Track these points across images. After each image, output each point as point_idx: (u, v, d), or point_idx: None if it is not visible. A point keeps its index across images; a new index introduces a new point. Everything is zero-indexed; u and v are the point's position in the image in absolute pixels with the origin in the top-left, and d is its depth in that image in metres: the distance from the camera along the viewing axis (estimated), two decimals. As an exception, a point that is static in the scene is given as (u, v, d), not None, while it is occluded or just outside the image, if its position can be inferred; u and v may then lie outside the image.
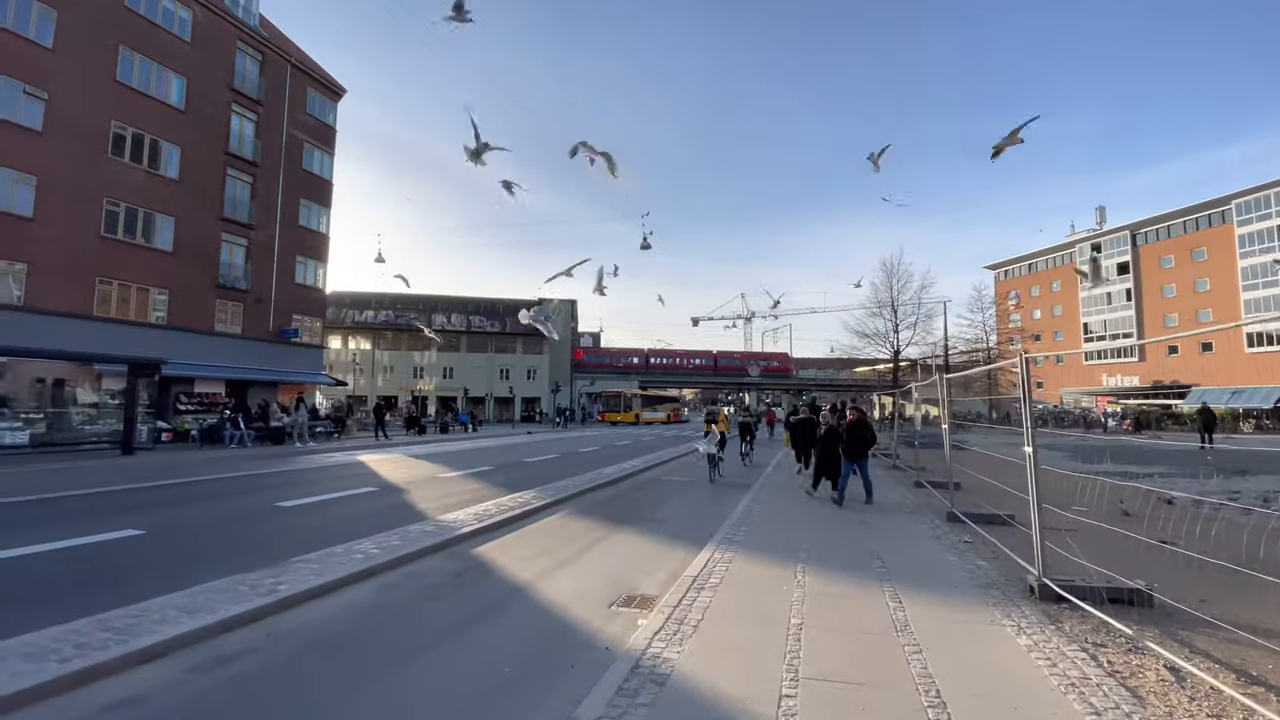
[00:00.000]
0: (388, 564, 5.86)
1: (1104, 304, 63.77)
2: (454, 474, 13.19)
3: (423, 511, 8.56)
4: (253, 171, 27.74)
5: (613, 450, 20.89)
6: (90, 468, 13.23)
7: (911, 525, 7.75)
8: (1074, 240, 67.95)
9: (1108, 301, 63.46)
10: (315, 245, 31.23)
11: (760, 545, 6.52)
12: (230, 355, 25.90)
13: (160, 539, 6.79)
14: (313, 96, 31.78)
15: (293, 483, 11.61)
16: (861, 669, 3.46)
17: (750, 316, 78.60)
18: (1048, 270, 70.81)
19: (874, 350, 40.30)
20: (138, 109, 22.67)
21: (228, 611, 4.39)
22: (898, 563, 5.80)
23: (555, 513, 8.88)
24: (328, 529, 7.35)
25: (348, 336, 57.51)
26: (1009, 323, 56.86)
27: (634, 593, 5.17)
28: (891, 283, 38.14)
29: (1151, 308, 58.75)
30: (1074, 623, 4.19)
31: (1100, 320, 63.91)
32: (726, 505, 9.24)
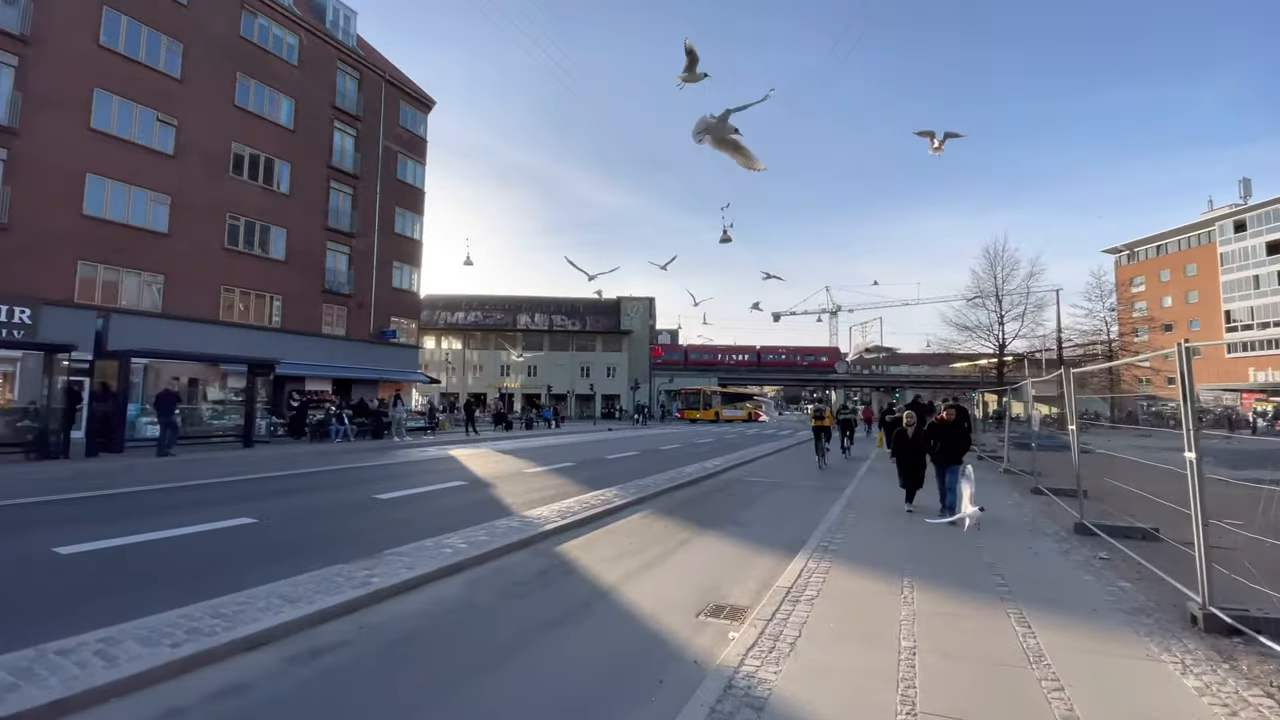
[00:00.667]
0: (475, 559, 5.89)
1: (1250, 289, 56.35)
2: (538, 469, 13.38)
3: (508, 507, 8.65)
4: (353, 183, 29.59)
5: (693, 448, 20.59)
6: (215, 459, 14.48)
7: (1033, 537, 6.96)
8: (1212, 218, 60.45)
9: (1255, 286, 56.02)
10: (410, 251, 32.94)
11: (858, 555, 6.04)
12: (336, 355, 27.78)
13: (270, 528, 7.20)
14: (405, 109, 33.51)
15: (389, 476, 12.15)
16: (991, 706, 3.01)
17: (836, 310, 75.78)
18: (1179, 252, 63.48)
19: (976, 344, 37.52)
20: (253, 130, 24.71)
21: (325, 602, 4.50)
22: (1021, 580, 5.16)
23: (637, 512, 8.73)
24: (420, 522, 7.54)
25: (440, 337, 60.46)
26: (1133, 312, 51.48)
27: (722, 602, 4.88)
28: (995, 270, 35.31)
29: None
30: (1252, 661, 3.50)
31: (1245, 307, 56.56)
32: (818, 510, 8.73)
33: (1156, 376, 47.43)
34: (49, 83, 18.65)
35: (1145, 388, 55.73)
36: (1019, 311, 35.32)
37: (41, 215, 18.28)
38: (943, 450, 7.98)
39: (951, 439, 7.98)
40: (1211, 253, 59.48)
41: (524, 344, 58.95)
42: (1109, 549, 6.18)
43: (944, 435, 8.02)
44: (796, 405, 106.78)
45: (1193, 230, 62.02)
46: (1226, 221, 58.45)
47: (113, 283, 20.09)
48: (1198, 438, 4.04)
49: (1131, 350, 40.16)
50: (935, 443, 8.04)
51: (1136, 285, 62.71)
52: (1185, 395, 4.11)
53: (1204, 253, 60.42)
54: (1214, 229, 59.63)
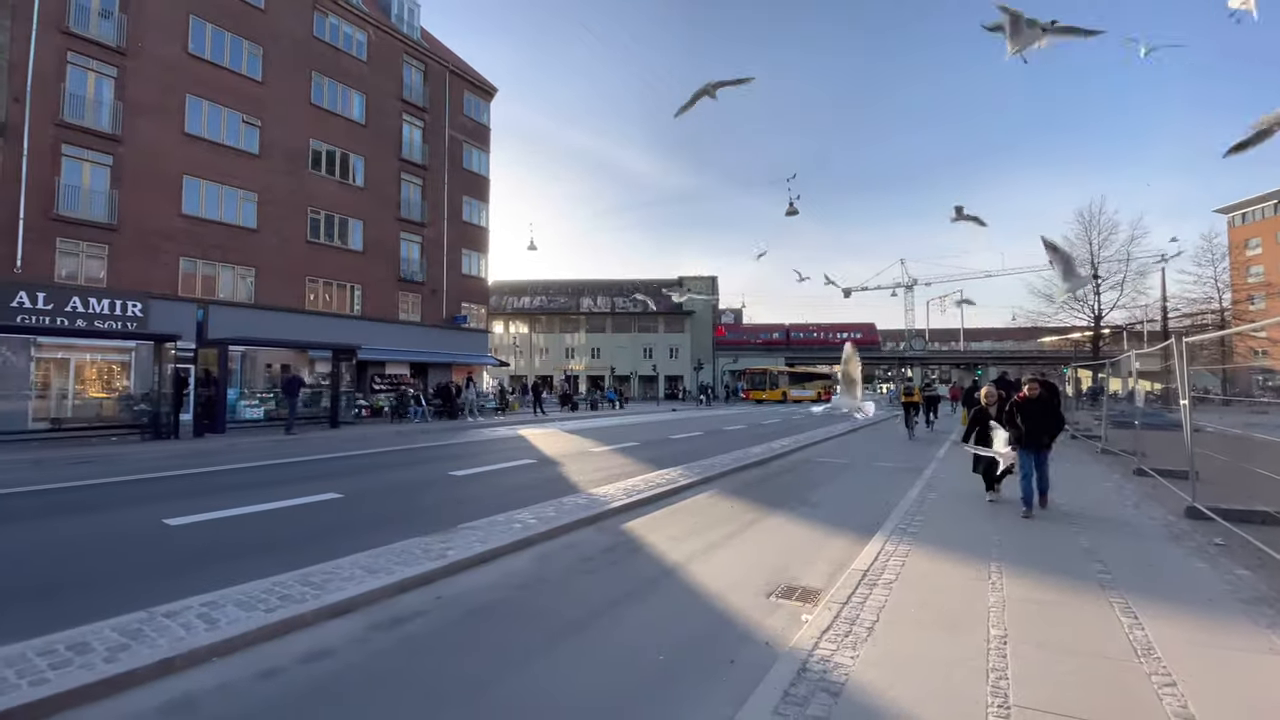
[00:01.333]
0: (544, 535, 5.99)
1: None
2: (603, 449, 13.53)
3: (575, 484, 8.78)
4: (421, 174, 30.55)
5: (759, 429, 20.27)
6: (304, 439, 15.46)
7: (1138, 520, 6.40)
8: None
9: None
10: (477, 239, 33.81)
11: (940, 538, 5.73)
12: (412, 340, 29.02)
13: (354, 502, 7.60)
14: (469, 99, 34.16)
15: (463, 454, 12.60)
16: (1092, 701, 2.76)
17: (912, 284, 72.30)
18: (1310, 209, 56.39)
19: (1068, 316, 34.95)
20: (329, 127, 25.88)
21: (403, 573, 4.69)
22: (1125, 567, 4.74)
23: (702, 491, 8.64)
24: (492, 498, 7.77)
25: (508, 322, 62.08)
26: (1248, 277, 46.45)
27: (794, 584, 4.73)
28: (1090, 236, 32.70)
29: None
30: None
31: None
32: (894, 491, 8.37)
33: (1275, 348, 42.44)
34: (145, 91, 20.14)
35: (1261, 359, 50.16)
36: (1118, 279, 32.61)
37: (146, 216, 19.90)
38: (1029, 432, 6.79)
39: (1040, 419, 6.78)
40: (1351, 207, 52.54)
41: (587, 326, 59.69)
42: (1225, 534, 5.59)
43: (1030, 414, 6.82)
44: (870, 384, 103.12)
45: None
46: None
47: (210, 276, 21.69)
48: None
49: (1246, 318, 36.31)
50: (1020, 423, 6.82)
51: (1252, 248, 56.46)
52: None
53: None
54: (1354, 180, 52.54)
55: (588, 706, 2.99)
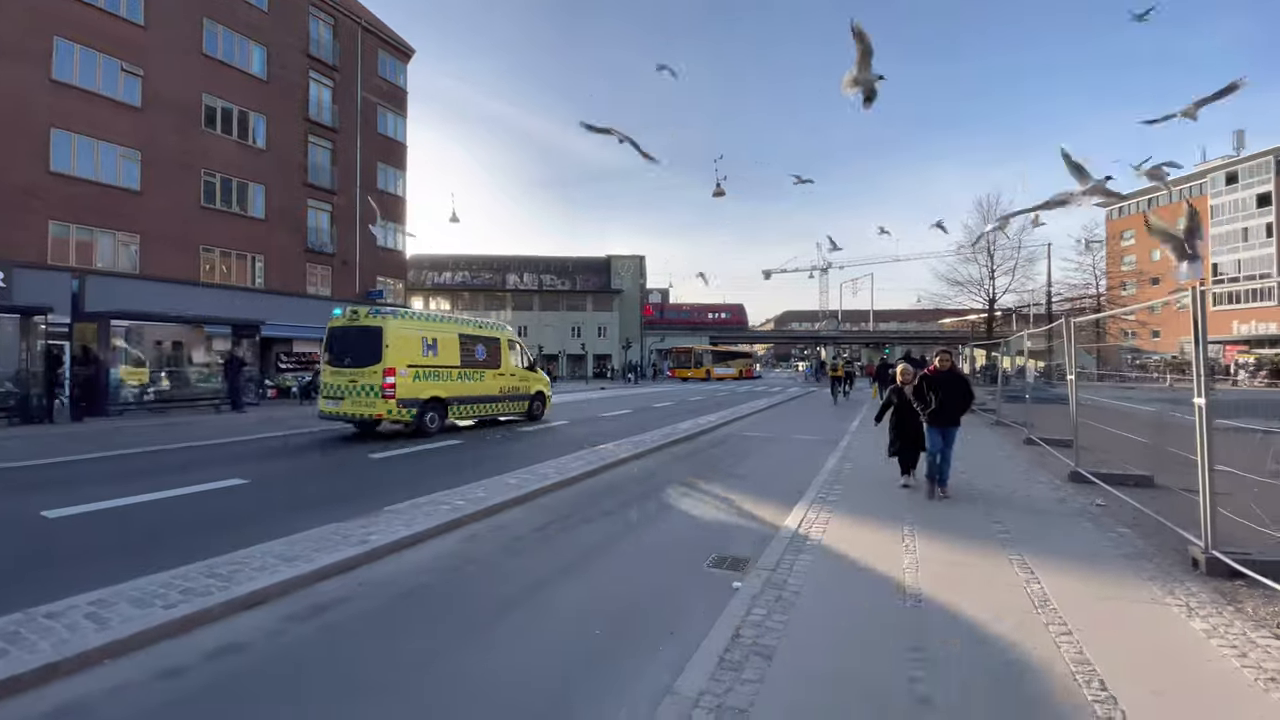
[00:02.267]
0: (473, 516, 5.83)
1: (1238, 241, 56.53)
2: (531, 427, 13.32)
3: (506, 464, 8.59)
4: (332, 137, 28.53)
5: (687, 405, 20.63)
6: (201, 422, 14.29)
7: (1029, 486, 7.01)
8: (1206, 169, 60.05)
9: (1243, 238, 56.20)
10: (393, 208, 32.03)
11: (858, 506, 6.05)
12: (323, 316, 27.17)
13: (263, 488, 7.10)
14: (383, 59, 32.09)
15: (384, 436, 12.04)
16: (1003, 655, 3.00)
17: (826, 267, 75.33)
18: (1169, 205, 63.13)
19: (966, 299, 37.56)
20: (225, 81, 23.58)
21: (323, 560, 4.43)
22: (1022, 528, 5.18)
23: (633, 466, 8.70)
24: (416, 480, 7.47)
25: (429, 298, 59.62)
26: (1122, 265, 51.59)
27: (725, 553, 4.85)
28: (987, 224, 35.13)
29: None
30: (1257, 603, 3.52)
31: (1233, 260, 56.83)
32: (813, 462, 8.75)
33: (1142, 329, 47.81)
34: (4, 30, 17.57)
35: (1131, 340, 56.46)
36: (1010, 266, 35.35)
37: (7, 172, 17.50)
38: (941, 408, 6.44)
39: (951, 392, 6.46)
40: (1202, 205, 59.31)
41: (514, 304, 58.41)
42: (1105, 496, 6.22)
43: (941, 387, 6.46)
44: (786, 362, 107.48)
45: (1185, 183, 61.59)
46: (1219, 174, 58.15)
47: (87, 243, 19.41)
48: (1208, 383, 3.97)
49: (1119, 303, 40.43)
50: (931, 398, 6.45)
51: (1126, 239, 62.83)
52: (1198, 339, 4.02)
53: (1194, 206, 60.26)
54: (1206, 181, 59.34)
55: (524, 687, 2.94)
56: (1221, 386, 34.91)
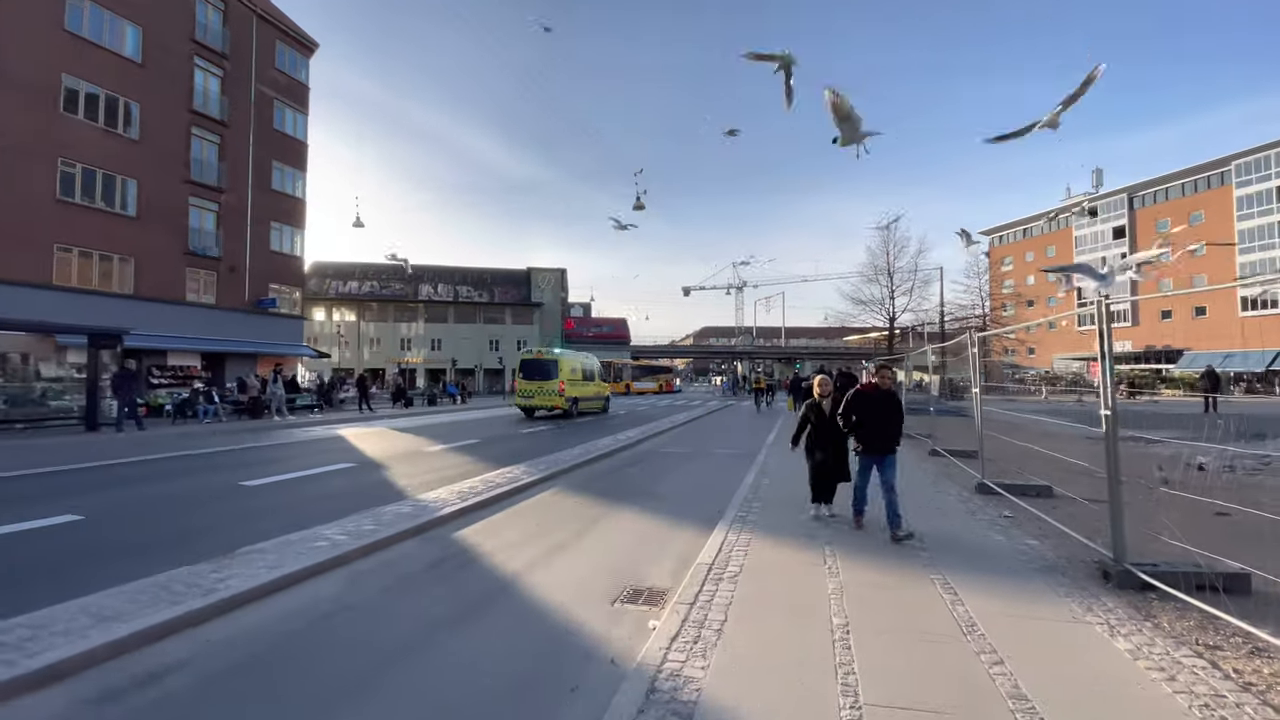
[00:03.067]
0: (356, 552, 5.09)
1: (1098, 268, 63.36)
2: (438, 448, 12.41)
3: (401, 490, 7.79)
4: (220, 131, 26.22)
5: (607, 421, 20.21)
6: (48, 445, 12.32)
7: (939, 499, 7.08)
8: (1069, 204, 66.96)
9: (1102, 267, 63.03)
10: (291, 210, 29.81)
11: (777, 525, 5.82)
12: (204, 326, 24.78)
13: (100, 525, 5.98)
14: (282, 50, 29.99)
15: (263, 459, 10.79)
16: (937, 689, 2.75)
17: (742, 286, 77.75)
18: (1042, 236, 70.05)
19: (869, 317, 39.69)
20: (91, 61, 21.08)
21: (149, 619, 3.61)
22: (938, 543, 5.11)
23: (547, 489, 8.14)
24: (293, 510, 6.58)
25: (332, 308, 56.00)
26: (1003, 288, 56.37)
27: (640, 585, 4.44)
28: (888, 248, 37.38)
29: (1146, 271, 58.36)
30: (1171, 618, 3.51)
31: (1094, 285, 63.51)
32: (732, 479, 8.55)
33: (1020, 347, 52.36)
34: None
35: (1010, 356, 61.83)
36: (908, 287, 37.77)
37: None
38: (871, 431, 5.47)
39: (886, 413, 5.48)
40: (1068, 236, 66.16)
41: (426, 316, 55.94)
42: (1011, 507, 6.35)
43: (875, 408, 5.49)
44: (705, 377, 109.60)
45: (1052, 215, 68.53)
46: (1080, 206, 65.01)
47: (-100, 236, 16.55)
48: (1114, 394, 4.01)
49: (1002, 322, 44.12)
50: (859, 420, 5.52)
51: (1006, 265, 68.91)
52: (1104, 351, 4.06)
53: (1062, 236, 67.08)
54: (1070, 214, 66.20)
55: (392, 775, 2.37)
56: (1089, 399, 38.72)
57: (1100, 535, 5.00)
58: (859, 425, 5.55)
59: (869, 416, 5.51)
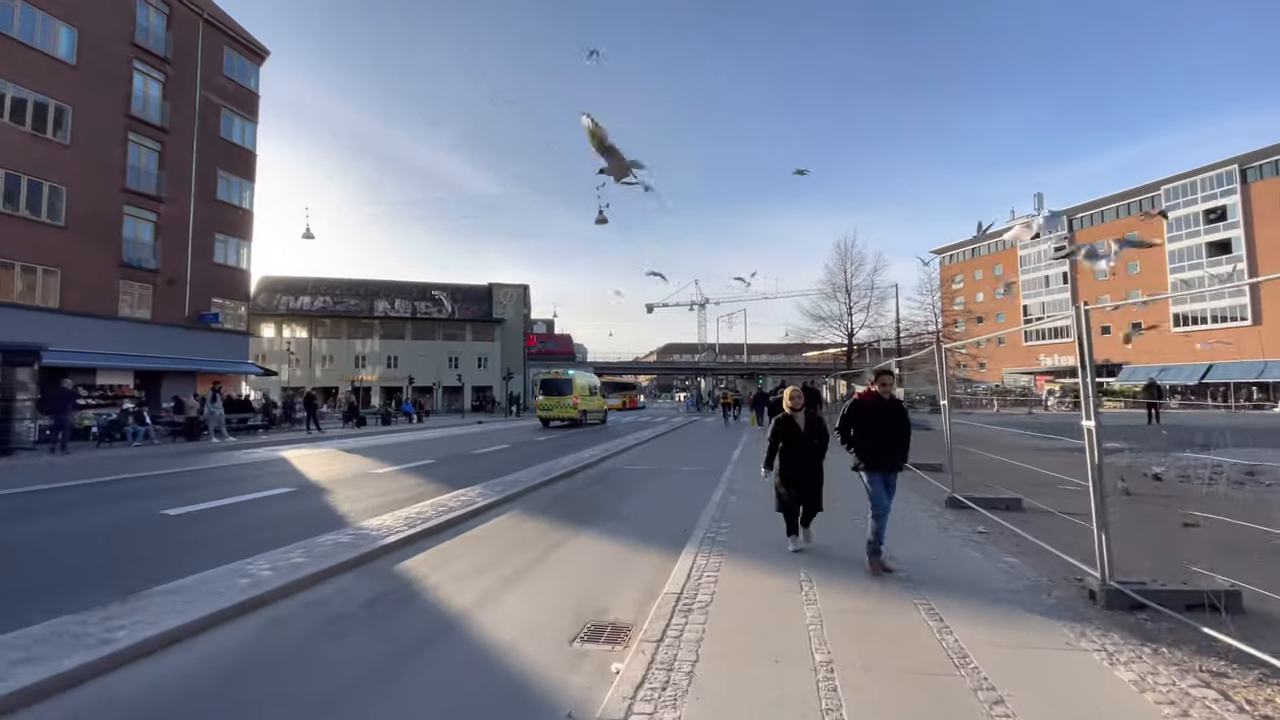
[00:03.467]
0: (281, 590, 4.54)
1: (1042, 287, 66.11)
2: (389, 469, 11.72)
3: (343, 516, 7.19)
4: (160, 138, 24.95)
5: (569, 439, 19.67)
6: (-54, 473, 11.14)
7: (912, 514, 6.87)
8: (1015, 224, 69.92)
9: (1045, 285, 65.82)
10: (236, 222, 28.50)
11: (748, 545, 5.50)
12: (138, 343, 23.30)
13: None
14: (231, 57, 28.90)
15: (194, 485, 9.95)
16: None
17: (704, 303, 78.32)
18: (989, 255, 72.87)
19: (829, 333, 40.32)
20: (19, 62, 19.79)
21: (22, 680, 3.04)
22: (915, 563, 4.86)
23: (504, 512, 7.64)
24: (219, 543, 5.94)
25: (282, 324, 53.89)
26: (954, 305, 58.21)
27: (602, 619, 4.03)
28: (845, 265, 38.04)
29: (1086, 290, 61.15)
30: (1168, 641, 3.29)
31: (1039, 303, 66.20)
32: (699, 496, 8.22)
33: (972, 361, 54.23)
34: None
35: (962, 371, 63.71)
36: (865, 303, 38.53)
37: None
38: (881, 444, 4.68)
39: (894, 425, 4.77)
40: (1014, 256, 68.95)
41: (382, 332, 54.32)
42: (984, 521, 6.18)
43: (881, 420, 4.74)
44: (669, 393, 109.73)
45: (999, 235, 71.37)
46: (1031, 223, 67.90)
47: None
48: (1096, 405, 3.84)
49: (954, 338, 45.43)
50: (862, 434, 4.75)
51: (956, 283, 71.24)
52: (1084, 360, 3.90)
53: (1008, 255, 69.89)
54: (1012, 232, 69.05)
55: None
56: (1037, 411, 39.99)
57: (1076, 550, 4.85)
58: (860, 439, 4.76)
59: (873, 429, 4.73)
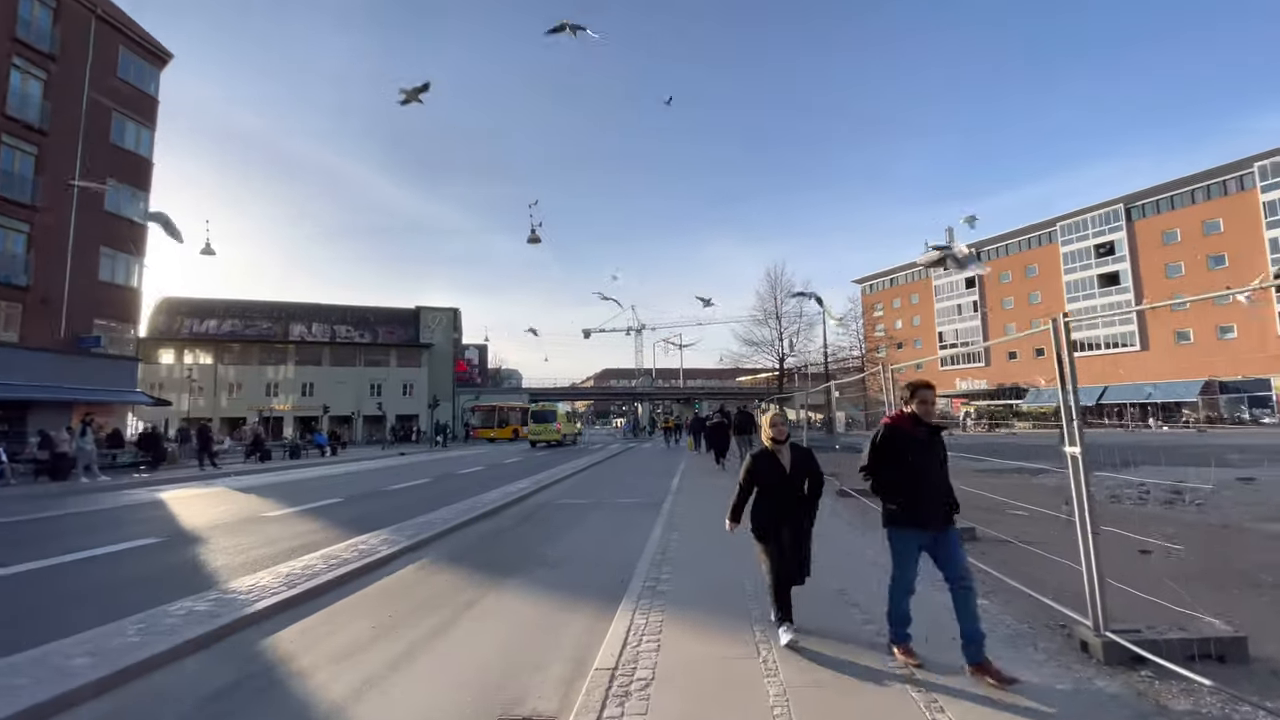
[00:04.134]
0: (97, 685, 3.46)
1: (955, 315, 70.17)
2: (284, 511, 10.31)
3: (211, 575, 5.98)
4: (38, 140, 22.44)
5: (499, 471, 18.48)
6: None
7: (865, 547, 6.38)
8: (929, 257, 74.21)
9: (958, 313, 69.89)
10: (127, 235, 25.89)
11: (692, 593, 4.81)
12: (2, 370, 20.43)
13: None
14: (127, 58, 26.62)
15: (39, 536, 8.32)
16: None
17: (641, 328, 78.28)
18: (906, 284, 76.89)
19: (761, 358, 40.88)
20: None
21: None
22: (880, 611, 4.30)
23: (411, 562, 6.60)
24: (39, 616, 4.70)
25: (184, 349, 49.58)
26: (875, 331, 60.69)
27: (514, 713, 3.19)
28: (776, 292, 38.87)
29: (994, 318, 65.33)
30: (1185, 706, 2.81)
31: (952, 329, 70.12)
32: (636, 535, 7.48)
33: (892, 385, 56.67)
34: None
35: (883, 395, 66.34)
36: (795, 329, 39.40)
37: None
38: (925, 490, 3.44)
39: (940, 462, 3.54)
40: (929, 285, 73.00)
41: (297, 358, 50.82)
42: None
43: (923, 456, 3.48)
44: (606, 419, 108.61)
45: (915, 267, 75.56)
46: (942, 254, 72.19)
47: None
48: (1081, 429, 3.43)
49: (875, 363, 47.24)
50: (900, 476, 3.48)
51: (878, 311, 74.56)
52: (1065, 378, 3.51)
53: (923, 285, 73.94)
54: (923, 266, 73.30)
55: None
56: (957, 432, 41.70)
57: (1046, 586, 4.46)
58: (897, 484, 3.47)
59: (914, 468, 3.42)
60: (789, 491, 3.88)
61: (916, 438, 3.49)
